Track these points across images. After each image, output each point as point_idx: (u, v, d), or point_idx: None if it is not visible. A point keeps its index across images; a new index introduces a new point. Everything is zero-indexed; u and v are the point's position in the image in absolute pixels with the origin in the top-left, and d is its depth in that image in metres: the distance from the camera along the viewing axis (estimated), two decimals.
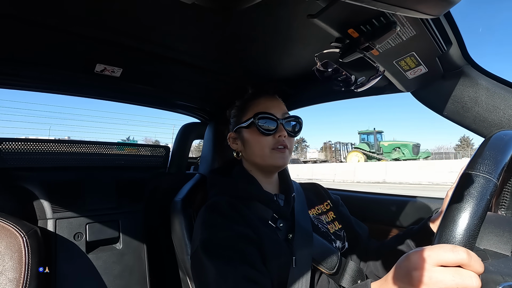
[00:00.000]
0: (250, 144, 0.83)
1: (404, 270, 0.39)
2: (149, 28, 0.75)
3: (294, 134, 0.84)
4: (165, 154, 1.32)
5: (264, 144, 0.80)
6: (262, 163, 0.82)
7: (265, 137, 0.80)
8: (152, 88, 1.15)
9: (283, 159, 0.81)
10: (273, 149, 0.80)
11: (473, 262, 0.35)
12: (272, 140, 0.80)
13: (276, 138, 0.80)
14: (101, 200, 1.11)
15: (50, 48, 0.82)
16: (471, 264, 0.35)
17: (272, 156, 0.80)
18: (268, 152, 0.80)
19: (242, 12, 0.66)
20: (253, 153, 0.83)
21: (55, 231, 1.00)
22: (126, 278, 1.09)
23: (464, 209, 0.37)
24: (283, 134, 0.80)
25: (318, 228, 0.84)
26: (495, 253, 0.45)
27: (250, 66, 1.01)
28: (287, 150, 0.82)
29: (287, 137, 0.81)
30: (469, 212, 0.37)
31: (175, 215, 0.96)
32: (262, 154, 0.81)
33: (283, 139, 0.80)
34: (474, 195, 0.38)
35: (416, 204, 1.14)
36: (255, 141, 0.82)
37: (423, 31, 0.60)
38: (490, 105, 0.73)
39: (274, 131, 0.80)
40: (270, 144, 0.80)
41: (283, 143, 0.80)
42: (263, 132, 0.80)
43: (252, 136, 0.82)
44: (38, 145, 1.02)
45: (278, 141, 0.80)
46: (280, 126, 0.81)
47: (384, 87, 0.96)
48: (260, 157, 0.82)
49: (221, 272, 0.62)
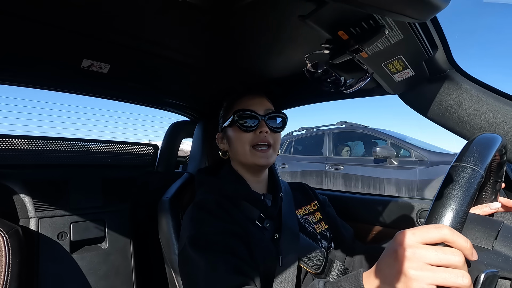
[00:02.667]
0: (233, 142, 0.83)
1: (391, 249, 0.41)
2: (138, 24, 0.74)
3: (277, 130, 0.84)
4: (154, 153, 1.30)
5: (245, 141, 0.80)
6: (244, 161, 0.82)
7: (245, 133, 0.80)
8: (141, 85, 1.13)
9: (266, 158, 0.80)
10: (253, 147, 0.80)
11: (456, 238, 0.36)
12: (253, 136, 0.80)
13: (257, 135, 0.80)
14: (87, 199, 1.09)
15: (33, 42, 0.80)
16: (455, 240, 0.36)
17: (253, 155, 0.80)
18: (248, 150, 0.80)
19: (233, 11, 0.66)
20: (236, 151, 0.83)
21: (37, 230, 0.97)
22: (111, 279, 1.07)
23: (453, 196, 0.39)
24: (265, 130, 0.80)
25: (305, 228, 0.85)
26: (478, 247, 0.47)
27: (241, 65, 1.01)
28: (271, 149, 0.81)
29: (270, 133, 0.81)
30: (458, 199, 0.38)
31: (163, 214, 0.95)
32: (243, 152, 0.81)
33: (264, 135, 0.80)
34: (462, 184, 0.40)
35: (400, 204, 1.16)
36: (236, 138, 0.82)
37: (411, 35, 0.62)
38: (473, 109, 0.76)
39: (255, 127, 0.80)
40: (251, 141, 0.80)
41: (264, 139, 0.80)
42: (242, 129, 0.80)
43: (234, 134, 0.83)
44: (20, 141, 0.98)
45: (259, 137, 0.80)
46: (261, 122, 0.80)
47: (373, 89, 0.98)
48: (242, 155, 0.82)
49: (210, 265, 0.62)
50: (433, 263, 0.36)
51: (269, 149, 0.81)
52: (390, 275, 0.39)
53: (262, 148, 0.80)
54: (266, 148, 0.80)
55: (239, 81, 1.12)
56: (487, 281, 0.38)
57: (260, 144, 0.80)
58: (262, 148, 0.80)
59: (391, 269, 0.39)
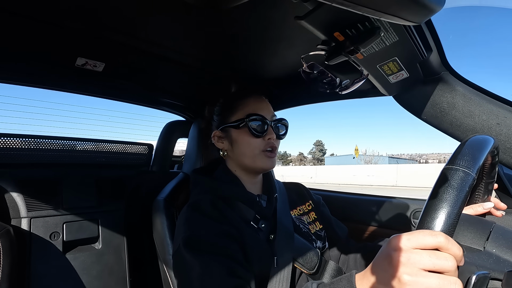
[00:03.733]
0: (240, 145, 0.82)
1: (385, 253, 0.41)
2: (133, 22, 0.73)
3: (281, 137, 0.85)
4: (148, 152, 1.29)
5: (255, 146, 0.80)
6: (251, 165, 0.82)
7: (256, 138, 0.80)
8: (136, 85, 1.12)
9: (272, 162, 0.82)
10: (263, 151, 0.80)
11: (451, 245, 0.36)
12: (262, 142, 0.80)
13: (265, 140, 0.80)
14: (80, 199, 1.07)
15: (25, 38, 0.78)
16: (449, 247, 0.36)
17: (262, 159, 0.80)
18: (258, 154, 0.80)
19: (230, 11, 0.66)
20: (243, 154, 0.82)
21: (29, 230, 0.96)
22: (105, 279, 1.06)
23: (445, 199, 0.39)
24: (273, 136, 0.81)
25: (300, 228, 0.85)
26: (470, 248, 0.47)
27: (237, 65, 1.01)
28: (275, 154, 0.83)
29: (275, 139, 0.82)
30: (450, 202, 0.39)
31: (157, 215, 0.94)
32: (252, 156, 0.81)
33: (272, 141, 0.81)
34: (454, 186, 0.40)
35: (394, 204, 1.17)
36: (246, 142, 0.81)
37: (406, 37, 0.62)
38: (466, 110, 0.77)
39: (264, 133, 0.80)
40: (261, 146, 0.80)
41: (272, 145, 0.81)
42: (254, 134, 0.80)
43: (242, 137, 0.82)
44: (12, 140, 0.97)
45: (268, 143, 0.80)
46: (270, 128, 0.81)
47: (368, 90, 0.99)
48: (250, 158, 0.81)
49: (205, 267, 0.62)
50: (427, 268, 0.36)
51: (275, 154, 0.82)
52: (384, 279, 0.40)
53: (269, 149, 0.81)
54: (272, 152, 0.81)
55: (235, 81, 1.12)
56: (478, 283, 0.38)
57: (268, 150, 0.81)
58: (269, 149, 0.81)
59: (385, 273, 0.40)
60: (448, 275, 0.36)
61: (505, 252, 0.45)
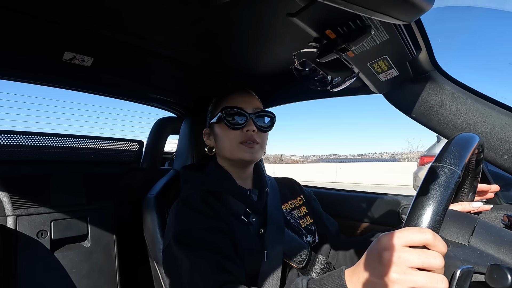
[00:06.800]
0: (220, 138, 0.83)
1: (375, 251, 0.42)
2: (123, 17, 0.72)
3: (265, 130, 0.84)
4: (138, 149, 1.28)
5: (232, 138, 0.80)
6: (231, 157, 0.82)
7: (233, 131, 0.80)
8: (126, 80, 1.10)
9: (251, 153, 0.80)
10: (241, 143, 0.80)
11: (438, 242, 0.38)
12: (240, 134, 0.80)
13: (244, 132, 0.80)
14: (68, 196, 1.05)
15: (10, 32, 0.76)
16: (436, 244, 0.38)
17: (240, 150, 0.80)
18: (236, 146, 0.80)
19: (222, 7, 0.65)
20: (223, 147, 0.83)
21: (15, 228, 0.93)
22: (94, 277, 1.05)
23: (432, 196, 0.40)
24: (252, 128, 0.80)
25: (290, 223, 0.86)
26: (455, 243, 0.49)
27: (228, 62, 1.00)
28: (257, 145, 0.82)
29: (257, 131, 0.81)
30: (436, 199, 0.40)
31: (148, 212, 0.94)
32: (230, 148, 0.81)
33: (251, 133, 0.80)
34: (440, 184, 0.41)
35: (385, 200, 1.20)
36: (224, 135, 0.82)
37: (396, 36, 0.63)
38: (454, 108, 0.78)
39: (242, 125, 0.80)
40: (239, 138, 0.80)
41: (251, 138, 0.80)
42: (229, 126, 0.80)
43: (221, 131, 0.83)
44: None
45: (246, 135, 0.80)
46: (249, 120, 0.81)
47: (358, 88, 1.00)
48: (228, 151, 0.82)
49: (194, 263, 0.62)
50: (415, 266, 0.37)
51: (255, 144, 0.81)
52: (373, 276, 0.41)
53: (248, 142, 0.80)
54: (252, 143, 0.80)
55: (226, 78, 1.11)
56: (462, 277, 0.40)
57: (247, 142, 0.80)
58: (248, 142, 0.80)
59: (374, 270, 0.41)
60: (435, 273, 0.37)
61: (489, 246, 0.46)
